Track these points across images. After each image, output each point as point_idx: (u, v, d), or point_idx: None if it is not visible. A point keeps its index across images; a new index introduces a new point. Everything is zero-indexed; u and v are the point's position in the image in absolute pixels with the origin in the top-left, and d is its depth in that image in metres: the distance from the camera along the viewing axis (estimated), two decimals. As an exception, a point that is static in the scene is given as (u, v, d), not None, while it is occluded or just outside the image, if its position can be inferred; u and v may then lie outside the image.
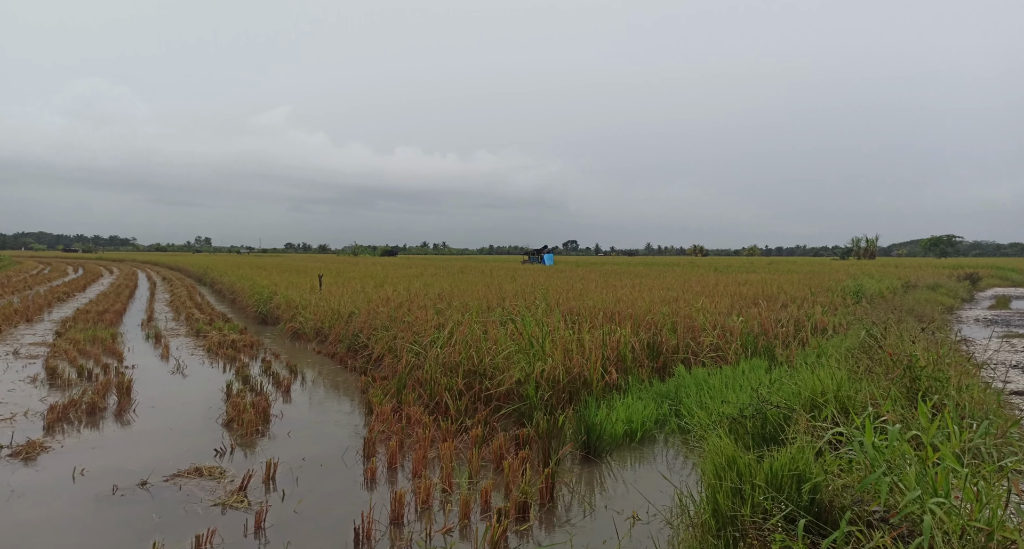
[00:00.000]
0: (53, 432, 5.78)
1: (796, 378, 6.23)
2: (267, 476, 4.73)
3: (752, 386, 6.86)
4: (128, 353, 10.44)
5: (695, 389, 7.21)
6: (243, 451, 5.49)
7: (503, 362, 7.09)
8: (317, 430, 6.24)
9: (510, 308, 10.42)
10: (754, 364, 8.41)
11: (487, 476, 5.02)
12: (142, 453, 5.27)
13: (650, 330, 9.18)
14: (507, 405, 6.68)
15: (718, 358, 8.95)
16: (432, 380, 6.99)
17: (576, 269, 35.26)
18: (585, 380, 7.25)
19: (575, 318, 9.92)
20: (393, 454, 5.23)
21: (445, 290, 14.41)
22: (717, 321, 9.88)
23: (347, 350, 10.13)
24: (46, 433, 5.78)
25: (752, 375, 7.66)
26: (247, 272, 27.37)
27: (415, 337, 8.34)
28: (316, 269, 32.28)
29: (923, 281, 26.39)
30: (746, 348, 9.35)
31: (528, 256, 62.68)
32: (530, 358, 6.98)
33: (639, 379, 7.89)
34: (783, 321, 10.75)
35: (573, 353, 7.43)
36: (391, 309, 10.49)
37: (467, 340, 7.60)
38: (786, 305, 13.13)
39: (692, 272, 31.44)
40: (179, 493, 4.39)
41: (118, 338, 11.86)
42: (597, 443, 5.79)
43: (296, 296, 14.73)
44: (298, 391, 7.96)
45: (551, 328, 8.22)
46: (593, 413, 6.31)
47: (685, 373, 7.84)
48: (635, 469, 5.49)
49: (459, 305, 10.82)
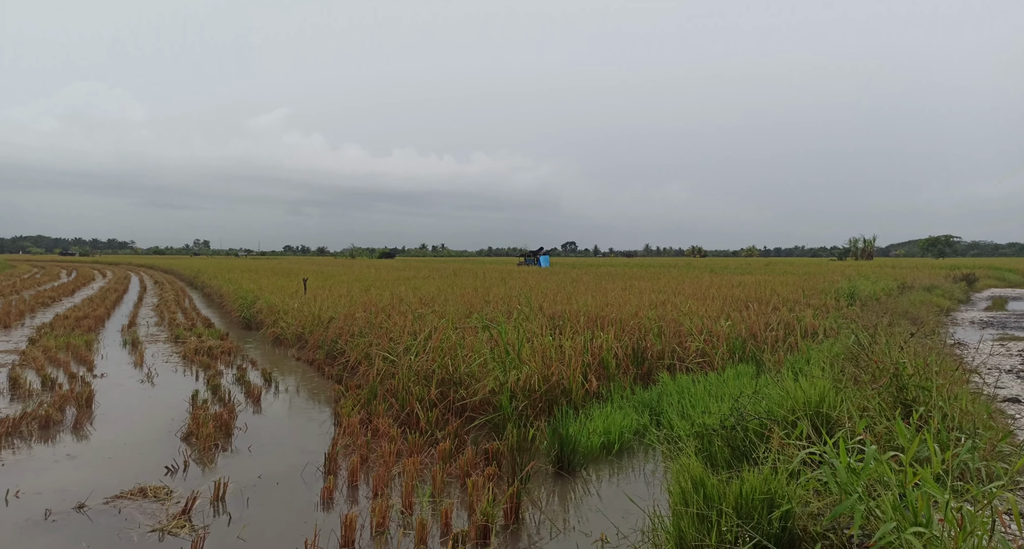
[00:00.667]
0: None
1: (776, 388, 5.98)
2: (215, 497, 4.46)
3: (735, 395, 6.63)
4: (100, 361, 10.18)
5: (677, 398, 6.97)
6: (198, 468, 5.22)
7: (479, 370, 6.85)
8: (280, 444, 5.98)
9: (492, 312, 10.17)
10: (740, 370, 8.17)
11: (452, 494, 4.76)
12: (89, 471, 5.00)
13: (635, 335, 8.92)
14: (481, 416, 6.43)
15: (704, 364, 8.71)
16: (403, 389, 6.73)
17: (571, 271, 35.01)
18: (564, 389, 7.00)
19: (559, 323, 9.67)
20: (354, 471, 4.97)
21: (431, 294, 14.15)
22: (705, 325, 9.64)
23: (325, 357, 9.87)
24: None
25: (737, 382, 7.42)
26: (235, 275, 27.09)
27: (391, 344, 8.08)
28: (310, 272, 32.00)
29: (919, 282, 26.17)
30: (733, 353, 9.11)
31: (524, 258, 62.42)
32: (505, 366, 6.73)
33: (621, 387, 7.64)
34: (773, 325, 10.51)
35: (552, 360, 7.18)
36: (370, 314, 10.23)
37: (443, 347, 7.35)
38: (777, 308, 12.89)
39: (687, 274, 31.20)
40: (117, 517, 4.12)
41: (93, 345, 11.59)
42: (571, 457, 5.53)
43: (279, 301, 14.47)
44: (269, 401, 7.70)
45: (531, 334, 7.97)
46: (568, 424, 6.06)
47: (668, 380, 7.60)
48: (610, 484, 5.24)
49: (440, 310, 10.57)
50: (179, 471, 5.06)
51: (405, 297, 13.37)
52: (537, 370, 6.72)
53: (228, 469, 5.21)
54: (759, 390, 6.28)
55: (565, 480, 5.21)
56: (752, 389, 6.75)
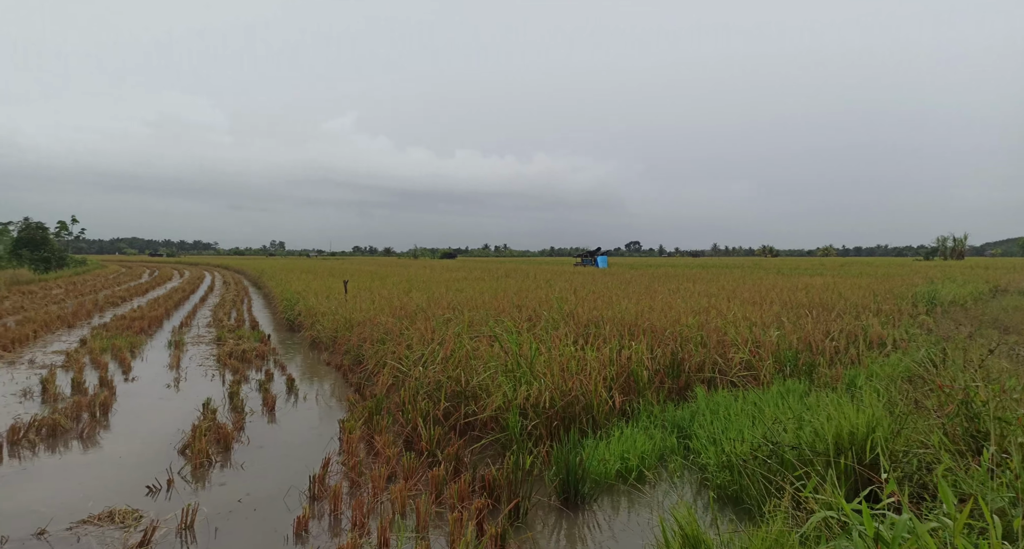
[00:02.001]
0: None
1: (821, 412, 5.19)
2: (182, 525, 4.16)
3: (777, 417, 5.86)
4: (138, 363, 10.35)
5: (710, 418, 6.25)
6: (183, 487, 4.97)
7: (491, 384, 6.36)
8: (277, 460, 5.69)
9: (517, 318, 9.65)
10: (789, 387, 7.31)
11: (439, 530, 4.30)
12: (68, 489, 4.83)
13: (671, 344, 8.20)
14: (487, 435, 5.94)
15: (751, 378, 7.89)
16: (410, 402, 6.33)
17: (626, 272, 34.00)
18: (586, 405, 6.42)
19: (591, 330, 9.06)
20: (337, 497, 4.58)
21: (469, 297, 13.78)
22: (753, 334, 8.78)
23: (352, 362, 9.64)
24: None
25: (783, 402, 6.60)
26: (290, 276, 27.71)
27: (407, 352, 7.72)
28: (367, 273, 32.45)
29: (1016, 285, 23.71)
30: (784, 366, 8.23)
31: (581, 258, 61.38)
32: (515, 380, 6.21)
33: (651, 403, 6.97)
34: (833, 334, 9.50)
35: (573, 373, 6.60)
36: (397, 319, 9.94)
37: (455, 357, 6.91)
38: (841, 314, 11.74)
39: (750, 275, 29.63)
40: (74, 547, 3.88)
41: (137, 347, 11.86)
42: (580, 486, 4.96)
43: (318, 303, 14.47)
44: (283, 410, 7.48)
45: (553, 343, 7.42)
46: (579, 448, 5.48)
47: (703, 397, 6.87)
48: (623, 522, 4.63)
49: (469, 316, 10.15)
50: (161, 491, 4.82)
51: (442, 299, 13.06)
52: (552, 384, 6.16)
53: (213, 489, 4.94)
54: (801, 414, 5.49)
55: (570, 516, 4.65)
56: (797, 410, 5.96)
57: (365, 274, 30.30)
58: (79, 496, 4.68)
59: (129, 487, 4.87)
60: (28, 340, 12.46)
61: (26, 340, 12.39)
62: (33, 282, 31.55)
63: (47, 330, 14.12)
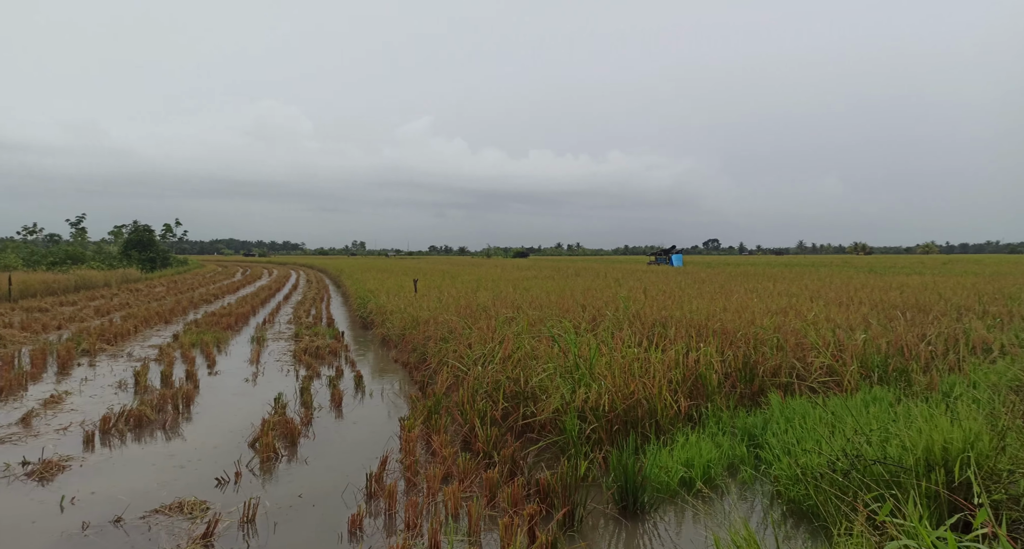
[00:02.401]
0: (88, 447, 5.86)
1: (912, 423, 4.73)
2: (243, 519, 4.29)
3: (859, 428, 5.41)
4: (222, 358, 10.93)
5: (785, 426, 5.85)
6: (250, 479, 5.15)
7: (549, 385, 6.24)
8: (338, 456, 5.80)
9: (578, 318, 9.44)
10: (876, 395, 6.74)
11: (491, 534, 4.23)
12: (145, 478, 5.10)
13: (744, 347, 7.78)
14: (545, 437, 5.82)
15: (832, 384, 7.36)
16: (468, 402, 6.31)
17: (702, 271, 32.88)
18: (649, 409, 6.17)
19: (659, 331, 8.74)
20: (392, 496, 4.61)
21: (535, 296, 13.68)
22: (836, 337, 8.19)
23: (417, 360, 9.78)
24: (81, 448, 5.86)
25: (869, 410, 6.09)
26: (366, 275, 28.57)
27: (468, 351, 7.71)
28: (440, 272, 33.08)
29: None
30: (871, 372, 7.61)
31: (655, 257, 59.95)
32: (574, 382, 6.05)
33: (719, 408, 6.63)
34: (930, 338, 8.71)
35: (636, 375, 6.36)
36: (460, 318, 9.98)
37: (514, 357, 6.83)
38: (940, 317, 10.78)
39: (838, 274, 27.93)
40: (145, 535, 4.06)
41: (224, 342, 12.55)
42: (639, 494, 4.75)
43: (388, 301, 14.80)
44: (349, 406, 7.66)
45: (616, 344, 7.19)
46: (640, 454, 5.26)
47: (778, 403, 6.46)
48: (687, 535, 4.38)
49: (533, 315, 10.05)
50: (229, 484, 5.01)
51: (507, 298, 13.03)
52: (613, 387, 5.96)
53: (276, 484, 5.10)
54: (887, 425, 5.03)
55: (628, 525, 4.46)
56: (883, 421, 5.48)
57: (437, 273, 30.88)
58: (155, 485, 4.95)
59: (201, 478, 5.10)
60: (129, 335, 13.46)
61: (128, 335, 13.39)
62: (140, 280, 34.25)
63: (146, 325, 15.22)
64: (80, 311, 17.58)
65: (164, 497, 4.65)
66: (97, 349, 11.19)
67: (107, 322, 14.80)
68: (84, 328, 13.78)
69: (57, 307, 19.01)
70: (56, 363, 9.82)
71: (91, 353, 10.88)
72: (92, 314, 17.22)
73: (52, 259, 34.53)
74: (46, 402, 7.30)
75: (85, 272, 29.12)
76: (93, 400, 7.61)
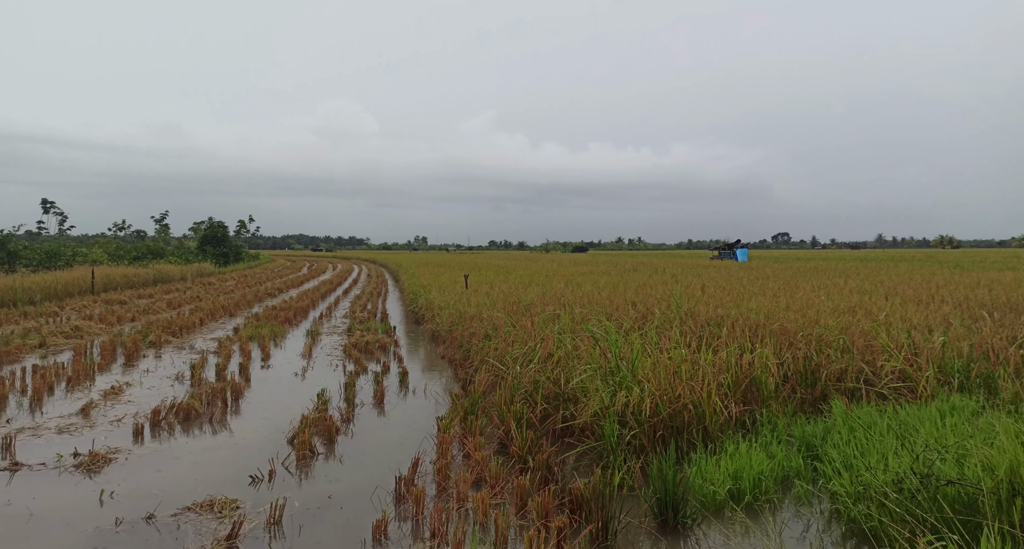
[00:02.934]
0: (137, 440, 6.02)
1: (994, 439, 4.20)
2: (269, 520, 4.25)
3: (929, 441, 4.89)
4: (277, 351, 11.19)
5: (847, 436, 5.37)
6: (284, 478, 5.13)
7: (590, 387, 5.96)
8: (374, 455, 5.74)
9: (623, 317, 9.06)
10: (955, 404, 6.11)
11: (519, 546, 4.03)
12: (184, 474, 5.17)
13: (804, 348, 7.25)
14: (583, 442, 5.56)
15: (906, 391, 6.74)
16: (505, 403, 6.12)
17: (768, 266, 31.51)
18: (697, 415, 5.81)
19: (713, 330, 8.29)
20: (419, 501, 4.47)
21: (587, 293, 13.35)
22: (911, 339, 7.52)
23: (463, 357, 9.68)
24: (131, 440, 6.03)
25: (945, 422, 5.51)
26: (422, 270, 28.83)
27: (508, 349, 7.53)
28: (495, 267, 33.09)
29: None
30: (951, 378, 6.93)
31: (718, 251, 57.90)
32: (614, 384, 5.75)
33: (775, 414, 6.18)
34: (1022, 341, 7.87)
35: (684, 378, 5.99)
36: (506, 315, 9.80)
37: (556, 357, 6.59)
38: (1034, 317, 9.77)
39: (920, 270, 26.14)
40: (173, 533, 4.08)
41: (278, 336, 12.87)
42: (681, 507, 4.44)
43: (439, 296, 14.81)
44: (391, 403, 7.63)
45: (663, 345, 6.83)
46: (681, 463, 4.92)
47: (841, 411, 5.95)
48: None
49: (579, 312, 9.75)
50: (262, 482, 5.01)
51: (557, 295, 12.77)
52: (656, 391, 5.63)
53: (309, 482, 5.06)
54: (963, 440, 4.50)
55: (666, 542, 4.16)
56: (962, 434, 4.93)
57: (492, 268, 30.88)
58: (192, 481, 5.01)
59: (236, 475, 5.13)
60: (195, 327, 14.04)
61: (193, 327, 13.97)
62: (213, 274, 35.96)
63: (212, 318, 15.85)
64: (154, 304, 18.51)
65: (199, 494, 4.69)
66: (163, 341, 11.69)
67: (176, 315, 15.49)
68: (154, 321, 14.48)
69: (135, 300, 20.11)
70: (123, 354, 10.31)
71: (157, 345, 11.36)
72: (164, 307, 18.10)
73: (135, 254, 36.74)
74: (106, 393, 7.62)
75: (163, 267, 30.80)
76: (151, 392, 7.89)
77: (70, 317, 14.87)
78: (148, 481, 4.99)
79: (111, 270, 25.35)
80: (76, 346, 10.89)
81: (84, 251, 32.50)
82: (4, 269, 22.55)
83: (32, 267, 24.26)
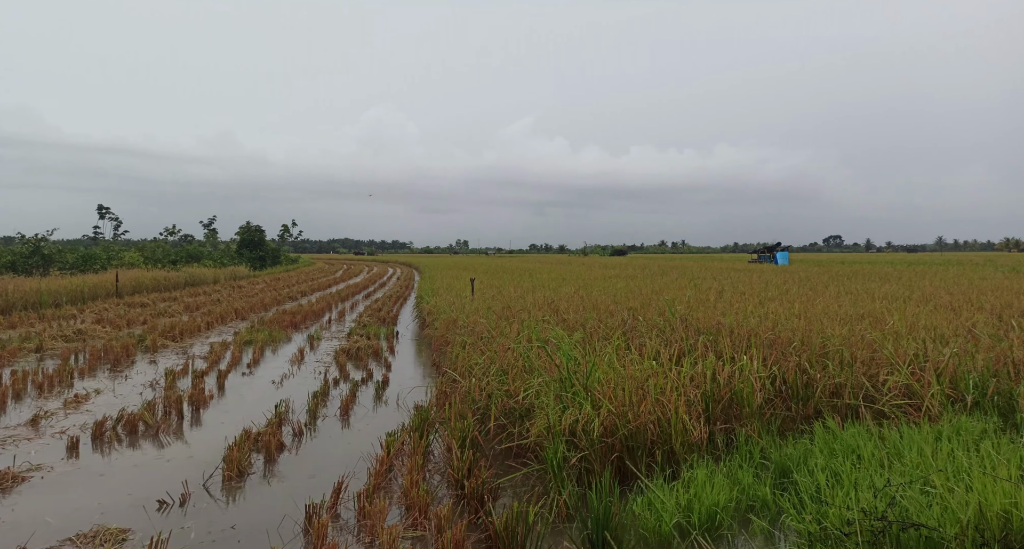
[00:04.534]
0: (70, 455, 5.73)
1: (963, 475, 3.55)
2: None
3: (911, 471, 4.25)
4: (268, 357, 11.02)
5: (824, 461, 4.75)
6: (201, 501, 4.74)
7: (545, 401, 5.46)
8: (308, 476, 5.30)
9: (601, 321, 8.49)
10: (961, 425, 5.37)
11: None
12: (93, 496, 4.83)
13: (797, 358, 6.58)
14: (529, 465, 5.07)
15: (911, 408, 6.01)
16: (456, 419, 5.67)
17: (809, 269, 30.17)
18: (661, 434, 5.26)
19: (704, 338, 7.66)
20: (321, 535, 4.06)
21: (595, 297, 12.78)
22: (922, 350, 6.75)
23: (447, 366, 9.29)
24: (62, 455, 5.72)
25: (941, 446, 4.80)
26: (446, 273, 28.62)
27: (474, 358, 7.09)
28: (531, 270, 32.66)
29: None
30: (965, 394, 6.15)
31: (757, 255, 55.87)
32: (565, 400, 5.24)
33: (758, 433, 5.57)
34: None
35: (652, 392, 5.43)
36: (489, 321, 9.36)
37: (516, 369, 6.11)
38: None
39: (971, 274, 24.54)
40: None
41: (276, 341, 12.74)
42: (616, 544, 3.92)
43: (442, 300, 14.48)
44: (357, 415, 7.24)
45: (639, 356, 6.26)
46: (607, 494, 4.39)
47: (821, 432, 5.31)
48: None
49: (572, 318, 9.23)
50: (172, 507, 4.63)
51: (554, 300, 12.25)
52: (615, 407, 5.10)
53: (222, 508, 4.65)
54: (930, 473, 3.83)
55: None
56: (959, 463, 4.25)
57: (519, 271, 30.44)
58: (95, 505, 4.64)
59: (147, 498, 4.75)
60: (199, 331, 14.06)
61: (197, 331, 14.00)
62: (246, 277, 36.64)
63: (222, 321, 15.91)
64: (171, 307, 18.78)
65: (93, 521, 4.32)
66: (159, 346, 11.69)
67: (187, 319, 15.57)
68: (164, 324, 14.57)
69: (157, 303, 20.47)
70: (111, 360, 10.27)
71: (152, 349, 11.35)
72: (181, 310, 18.33)
73: (173, 257, 37.78)
74: (69, 402, 7.46)
75: (195, 270, 31.49)
76: (117, 400, 7.71)
77: (84, 320, 15.12)
78: (47, 506, 4.63)
79: (141, 273, 26.00)
80: (65, 351, 10.96)
81: (122, 254, 33.56)
82: (39, 273, 23.35)
83: (66, 270, 25.10)
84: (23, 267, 23.80)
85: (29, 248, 24.37)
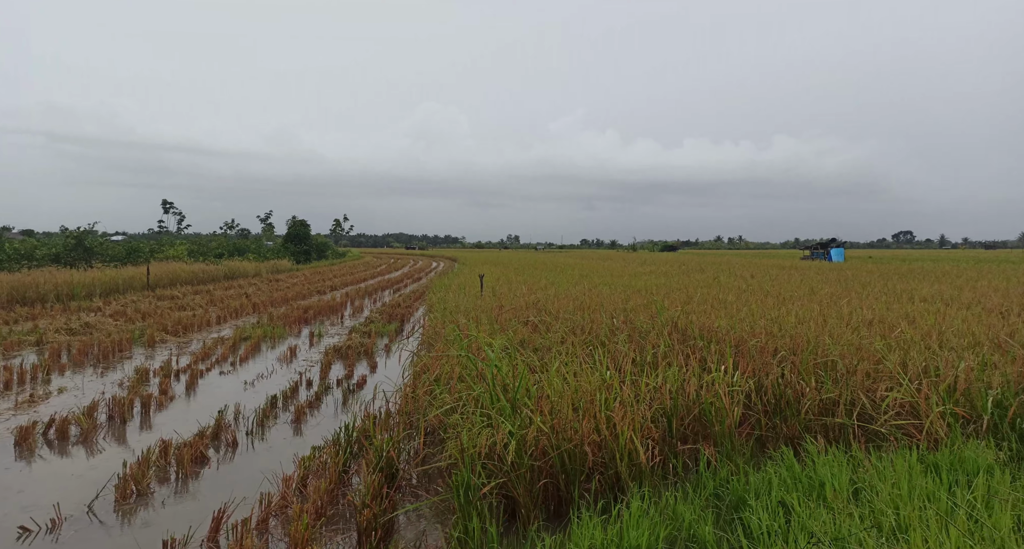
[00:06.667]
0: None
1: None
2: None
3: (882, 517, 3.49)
4: (259, 354, 10.80)
5: (778, 495, 4.01)
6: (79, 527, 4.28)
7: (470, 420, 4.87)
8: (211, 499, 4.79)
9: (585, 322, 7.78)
10: (964, 455, 4.48)
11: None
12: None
13: (781, 369, 5.76)
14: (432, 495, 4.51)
15: (914, 429, 5.14)
16: (374, 434, 5.16)
17: (862, 266, 28.36)
18: (604, 458, 4.62)
19: (692, 343, 6.90)
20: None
21: (603, 294, 12.05)
22: (936, 360, 5.81)
23: (425, 368, 8.80)
24: None
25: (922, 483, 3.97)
26: (475, 269, 28.21)
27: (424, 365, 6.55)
28: (570, 265, 31.98)
29: None
30: (982, 415, 5.21)
31: (810, 252, 53.01)
32: (487, 419, 4.65)
33: (728, 456, 4.84)
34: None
35: (602, 410, 4.79)
36: (471, 321, 8.81)
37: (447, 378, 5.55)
38: None
39: (1042, 270, 22.35)
40: None
41: (278, 337, 12.56)
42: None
43: (452, 297, 14.03)
44: (312, 422, 6.77)
45: (593, 367, 5.59)
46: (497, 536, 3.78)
47: (790, 458, 4.54)
48: None
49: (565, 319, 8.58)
50: (38, 533, 4.19)
51: (580, 296, 11.59)
52: (550, 427, 4.47)
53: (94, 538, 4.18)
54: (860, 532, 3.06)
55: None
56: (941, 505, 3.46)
57: (551, 267, 29.75)
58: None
59: (16, 523, 4.34)
60: (207, 326, 14.05)
61: (206, 325, 14.01)
62: (287, 271, 37.28)
63: (235, 316, 15.96)
64: (195, 300, 19.05)
65: None
66: (157, 341, 11.70)
67: (197, 313, 15.63)
68: (172, 319, 14.67)
69: (188, 296, 20.82)
70: (99, 355, 10.21)
71: (149, 345, 11.35)
72: (206, 303, 18.54)
73: (219, 251, 38.88)
74: (22, 401, 7.28)
75: (235, 263, 32.20)
76: (76, 399, 7.45)
77: (104, 313, 15.42)
78: None
79: (179, 266, 26.67)
80: (56, 345, 11.06)
81: (166, 248, 34.71)
82: (82, 266, 24.27)
83: (109, 263, 26.02)
84: (66, 259, 24.81)
85: (72, 241, 25.38)
